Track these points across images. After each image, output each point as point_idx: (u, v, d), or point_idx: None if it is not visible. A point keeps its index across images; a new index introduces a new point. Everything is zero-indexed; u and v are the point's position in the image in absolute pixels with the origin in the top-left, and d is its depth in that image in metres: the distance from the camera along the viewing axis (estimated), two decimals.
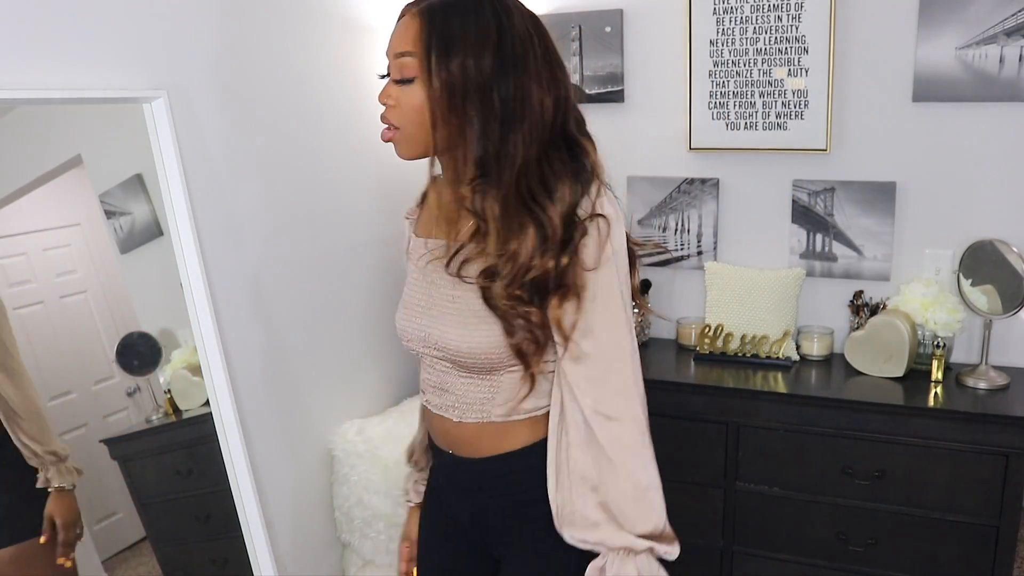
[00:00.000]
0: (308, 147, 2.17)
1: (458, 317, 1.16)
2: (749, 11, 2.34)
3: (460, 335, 1.16)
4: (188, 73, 1.80)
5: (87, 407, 1.74)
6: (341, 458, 2.29)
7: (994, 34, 2.11)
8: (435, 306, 1.20)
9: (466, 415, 1.22)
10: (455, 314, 1.17)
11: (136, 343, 1.81)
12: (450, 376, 1.22)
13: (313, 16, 2.19)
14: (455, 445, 1.27)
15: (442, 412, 1.26)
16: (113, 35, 1.63)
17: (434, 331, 1.20)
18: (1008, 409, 1.97)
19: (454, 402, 1.23)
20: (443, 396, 1.25)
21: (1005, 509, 1.95)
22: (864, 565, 2.11)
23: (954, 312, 2.17)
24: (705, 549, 2.28)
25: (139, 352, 1.81)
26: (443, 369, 1.23)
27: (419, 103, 1.10)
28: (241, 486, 1.85)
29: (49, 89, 1.51)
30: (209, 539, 1.97)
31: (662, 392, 2.24)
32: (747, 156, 2.45)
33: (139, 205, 1.78)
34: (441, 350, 1.19)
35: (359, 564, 2.33)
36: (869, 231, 2.34)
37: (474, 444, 1.24)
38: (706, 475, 2.23)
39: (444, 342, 1.18)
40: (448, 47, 1.07)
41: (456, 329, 1.16)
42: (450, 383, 1.23)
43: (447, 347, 1.18)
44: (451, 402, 1.24)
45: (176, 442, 1.91)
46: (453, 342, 1.16)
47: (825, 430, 2.10)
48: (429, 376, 1.27)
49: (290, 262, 2.14)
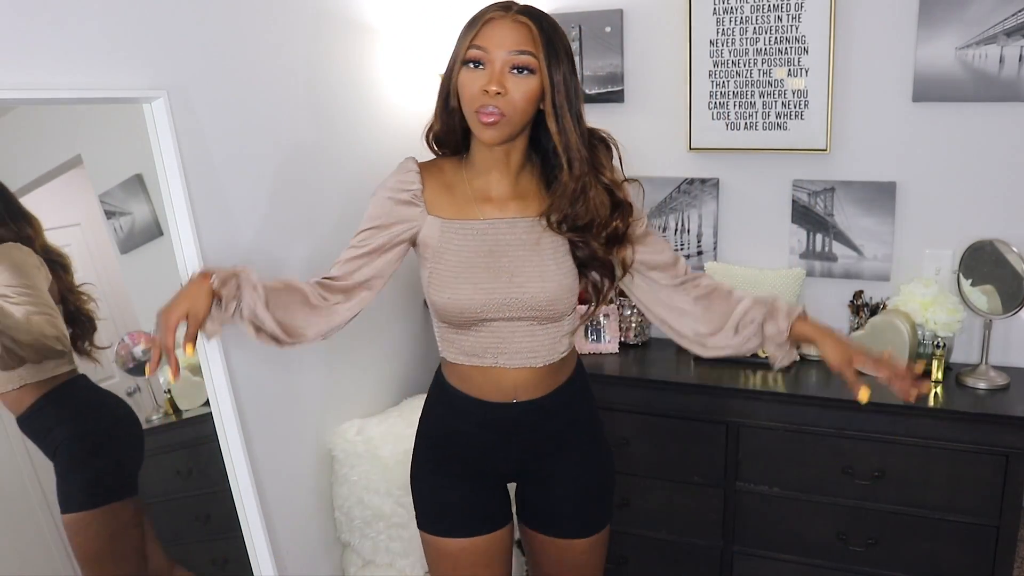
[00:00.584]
0: (308, 147, 2.17)
1: (540, 275, 1.41)
2: (749, 11, 2.34)
3: (543, 287, 1.41)
4: (188, 73, 1.80)
5: None
6: (341, 458, 2.29)
7: (994, 34, 2.11)
8: (516, 271, 1.41)
9: (535, 362, 1.45)
10: (538, 273, 1.41)
11: (136, 343, 1.81)
12: (520, 331, 1.44)
13: (314, 16, 2.18)
14: (519, 392, 1.47)
15: (511, 364, 1.45)
16: (113, 35, 1.63)
17: (518, 292, 1.41)
18: (1008, 409, 1.97)
19: (529, 352, 1.45)
20: (513, 353, 1.45)
21: (1005, 509, 1.95)
22: (864, 565, 2.11)
23: (954, 312, 2.17)
24: (705, 549, 2.28)
25: (139, 352, 1.81)
26: (515, 327, 1.43)
27: (532, 94, 1.34)
28: (241, 486, 1.85)
29: (49, 89, 1.51)
30: (209, 539, 1.97)
31: (662, 392, 2.24)
32: (747, 156, 2.45)
33: (139, 205, 1.78)
34: (527, 307, 1.42)
35: (359, 564, 2.33)
36: (869, 231, 2.34)
37: (543, 384, 1.48)
38: (706, 475, 2.23)
39: (529, 298, 1.41)
40: (557, 53, 1.34)
41: (538, 283, 1.41)
42: (519, 339, 1.44)
43: (534, 301, 1.41)
44: (524, 353, 1.45)
45: (176, 442, 1.91)
46: (540, 294, 1.41)
47: (825, 430, 2.10)
48: (491, 341, 1.44)
49: (290, 262, 2.13)
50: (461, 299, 1.41)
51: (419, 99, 2.64)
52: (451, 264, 1.42)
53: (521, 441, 1.51)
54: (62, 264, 1.59)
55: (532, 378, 1.47)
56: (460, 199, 1.44)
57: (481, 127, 1.34)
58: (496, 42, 1.32)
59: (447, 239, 1.43)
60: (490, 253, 1.41)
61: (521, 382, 1.47)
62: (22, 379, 1.54)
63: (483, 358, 1.46)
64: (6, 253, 1.51)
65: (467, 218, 1.43)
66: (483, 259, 1.41)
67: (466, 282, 1.41)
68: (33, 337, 1.53)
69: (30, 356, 1.53)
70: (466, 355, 1.47)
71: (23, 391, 1.55)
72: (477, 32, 1.34)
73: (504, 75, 1.32)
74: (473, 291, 1.41)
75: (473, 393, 1.49)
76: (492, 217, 1.43)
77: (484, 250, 1.41)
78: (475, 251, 1.41)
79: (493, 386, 1.47)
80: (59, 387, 1.58)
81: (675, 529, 2.30)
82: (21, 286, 1.53)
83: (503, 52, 1.32)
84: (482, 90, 1.32)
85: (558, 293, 1.42)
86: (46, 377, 1.56)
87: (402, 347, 2.67)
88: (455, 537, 1.52)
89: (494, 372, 1.46)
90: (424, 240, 1.45)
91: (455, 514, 1.53)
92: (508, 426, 1.49)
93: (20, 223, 1.54)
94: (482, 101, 1.32)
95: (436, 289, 1.43)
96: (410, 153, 1.56)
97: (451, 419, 1.53)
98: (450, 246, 1.42)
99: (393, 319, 2.61)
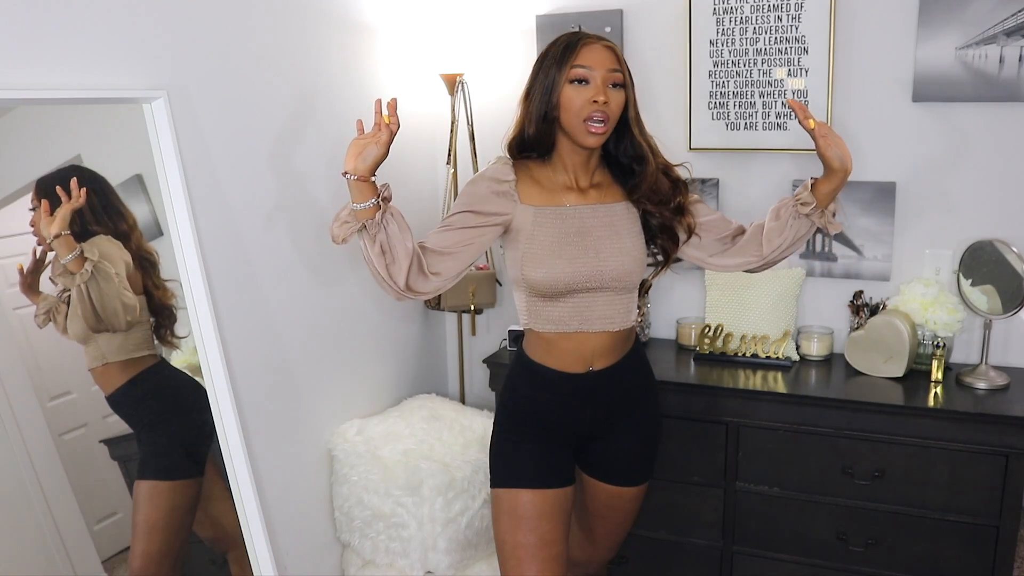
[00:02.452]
0: (308, 147, 2.17)
1: (620, 251, 1.67)
2: (749, 11, 2.34)
3: (621, 262, 1.67)
4: (188, 73, 1.80)
5: (87, 407, 1.74)
6: (341, 458, 2.29)
7: (994, 34, 2.11)
8: (600, 248, 1.66)
9: (612, 327, 1.70)
10: (617, 250, 1.67)
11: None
12: (601, 300, 1.68)
13: (313, 16, 2.19)
14: (596, 359, 1.71)
15: (593, 329, 1.68)
16: (113, 35, 1.63)
17: (602, 266, 1.65)
18: (1008, 409, 1.97)
19: (607, 319, 1.69)
20: (595, 319, 1.68)
21: (1005, 509, 1.95)
22: (864, 565, 2.12)
23: (954, 312, 2.17)
24: (705, 549, 2.28)
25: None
26: (596, 297, 1.67)
27: (622, 105, 1.63)
28: (241, 486, 1.85)
29: (49, 89, 1.51)
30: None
31: (662, 392, 2.23)
32: (747, 156, 2.45)
33: (139, 205, 1.78)
34: (609, 279, 1.66)
35: (359, 564, 2.33)
36: (869, 231, 2.34)
37: (615, 351, 1.73)
38: (706, 475, 2.23)
39: (611, 270, 1.66)
40: (630, 74, 1.65)
41: (618, 258, 1.67)
42: (600, 306, 1.68)
43: (615, 273, 1.66)
44: (604, 319, 1.69)
45: None
46: (620, 267, 1.67)
47: (825, 430, 2.10)
48: (576, 310, 1.68)
49: (290, 262, 2.14)
50: (556, 272, 1.64)
51: (418, 99, 2.64)
52: (545, 244, 1.65)
53: (594, 406, 1.74)
54: (150, 260, 1.77)
55: (608, 344, 1.71)
56: (548, 189, 1.69)
57: (588, 134, 1.60)
58: (597, 62, 1.59)
59: (540, 222, 1.66)
60: (577, 233, 1.66)
61: (599, 348, 1.71)
62: (104, 357, 1.72)
63: (569, 325, 1.68)
64: (96, 243, 1.67)
65: (556, 204, 1.67)
66: (573, 238, 1.66)
67: (559, 258, 1.64)
68: (111, 310, 1.69)
69: (103, 325, 1.69)
70: (553, 323, 1.69)
71: (109, 370, 1.73)
72: (577, 54, 1.60)
73: (606, 89, 1.59)
74: (566, 265, 1.64)
75: (553, 365, 1.71)
76: (577, 203, 1.68)
77: (572, 231, 1.66)
78: (565, 232, 1.66)
79: (574, 354, 1.70)
80: (145, 371, 1.78)
81: (675, 529, 2.30)
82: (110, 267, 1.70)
83: (603, 71, 1.59)
84: (591, 101, 1.58)
85: (633, 266, 1.69)
86: (128, 358, 1.75)
87: (402, 347, 2.67)
88: (525, 487, 1.71)
89: (576, 338, 1.69)
90: (518, 226, 1.67)
91: (527, 468, 1.73)
92: (584, 394, 1.73)
93: (116, 220, 1.71)
94: (591, 110, 1.58)
95: (532, 266, 1.65)
96: (406, 150, 1.59)
97: (531, 389, 1.75)
98: (542, 229, 1.66)
99: (393, 319, 2.62)
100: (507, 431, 1.78)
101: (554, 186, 1.69)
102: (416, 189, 2.68)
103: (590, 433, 1.77)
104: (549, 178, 1.70)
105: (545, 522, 1.70)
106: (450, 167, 2.58)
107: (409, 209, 2.63)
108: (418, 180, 2.70)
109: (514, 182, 1.68)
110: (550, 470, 1.73)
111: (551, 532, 1.70)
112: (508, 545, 1.71)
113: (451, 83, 2.52)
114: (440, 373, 2.91)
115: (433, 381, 2.86)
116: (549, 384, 1.73)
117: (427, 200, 2.72)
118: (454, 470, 2.22)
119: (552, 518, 1.71)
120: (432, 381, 2.85)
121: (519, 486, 1.71)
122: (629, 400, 1.78)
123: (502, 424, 1.80)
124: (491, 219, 1.66)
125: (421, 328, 2.77)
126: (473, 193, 1.67)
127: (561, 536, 1.73)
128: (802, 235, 1.72)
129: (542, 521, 1.70)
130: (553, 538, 1.70)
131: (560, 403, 1.73)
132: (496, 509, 1.75)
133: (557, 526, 1.72)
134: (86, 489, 1.71)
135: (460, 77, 2.52)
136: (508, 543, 1.71)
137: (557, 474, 1.74)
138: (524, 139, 1.68)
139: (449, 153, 2.58)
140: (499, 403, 1.84)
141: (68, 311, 1.65)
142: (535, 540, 1.69)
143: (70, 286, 1.64)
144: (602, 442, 1.79)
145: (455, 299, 2.56)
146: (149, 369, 1.79)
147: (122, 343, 1.73)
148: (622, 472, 1.82)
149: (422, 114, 2.67)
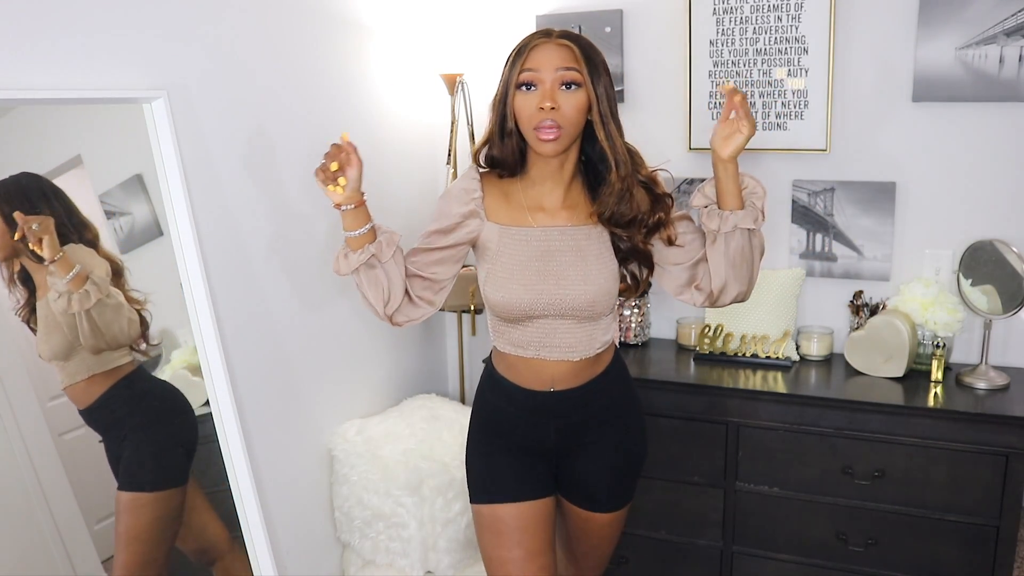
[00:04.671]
0: (308, 147, 2.17)
1: (584, 279, 1.56)
2: (749, 11, 2.34)
3: (585, 291, 1.56)
4: (188, 73, 1.80)
5: None
6: (341, 458, 2.29)
7: (994, 34, 2.11)
8: (562, 275, 1.56)
9: (573, 356, 1.60)
10: (582, 277, 1.56)
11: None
12: (562, 329, 1.59)
13: (313, 16, 2.19)
14: (556, 382, 1.63)
15: (551, 357, 1.60)
16: (113, 35, 1.63)
17: (562, 294, 1.55)
18: (1008, 409, 1.97)
19: (568, 347, 1.60)
20: (553, 347, 1.60)
21: (1005, 509, 1.95)
22: (864, 565, 2.12)
23: (954, 312, 2.17)
24: (705, 549, 2.28)
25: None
26: (558, 325, 1.58)
27: (580, 106, 1.49)
28: (241, 486, 1.85)
29: (49, 89, 1.51)
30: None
31: (662, 392, 2.24)
32: (747, 156, 2.44)
33: (139, 205, 1.78)
34: (570, 307, 1.56)
35: (359, 564, 2.33)
36: (869, 231, 2.34)
37: (578, 376, 1.63)
38: (706, 475, 2.23)
39: (572, 299, 1.56)
40: (597, 68, 1.49)
41: (581, 286, 1.56)
42: (560, 335, 1.59)
43: (576, 303, 1.56)
44: (563, 348, 1.60)
45: None
46: (582, 296, 1.56)
47: (825, 430, 2.10)
48: (536, 335, 1.60)
49: (290, 262, 2.14)
50: (512, 298, 1.57)
51: (417, 99, 2.64)
52: (506, 266, 1.58)
53: (557, 423, 1.67)
54: (116, 269, 1.71)
55: (569, 370, 1.63)
56: (516, 207, 1.60)
57: (540, 142, 1.48)
58: (544, 63, 1.47)
59: (504, 243, 1.58)
60: (540, 258, 1.57)
61: (559, 374, 1.63)
62: (90, 370, 1.67)
63: (527, 350, 1.62)
64: (74, 252, 1.63)
65: (522, 225, 1.59)
66: (535, 263, 1.57)
67: (518, 283, 1.57)
68: (118, 329, 1.68)
69: (102, 347, 1.66)
70: (513, 346, 1.63)
71: (91, 383, 1.68)
72: (525, 58, 1.48)
73: (555, 92, 1.47)
74: (523, 291, 1.56)
75: (517, 381, 1.66)
76: (544, 225, 1.58)
77: (536, 255, 1.57)
78: (528, 255, 1.57)
79: (534, 375, 1.63)
80: (124, 378, 1.73)
81: (675, 529, 2.30)
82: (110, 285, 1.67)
83: (551, 71, 1.47)
84: (538, 108, 1.46)
85: (598, 296, 1.57)
86: (110, 368, 1.70)
87: (402, 347, 2.67)
88: (502, 502, 1.67)
89: (536, 363, 1.62)
90: (483, 243, 1.61)
91: (503, 481, 1.68)
92: (546, 411, 1.66)
93: (81, 229, 1.66)
94: (540, 118, 1.47)
95: (492, 287, 1.59)
96: (405, 150, 1.58)
97: (498, 402, 1.70)
98: (506, 250, 1.58)
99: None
100: (479, 441, 1.74)
101: (523, 203, 1.59)
102: (416, 189, 2.68)
103: (557, 448, 1.69)
104: (519, 193, 1.60)
105: (528, 535, 1.66)
106: (450, 167, 2.58)
107: (409, 209, 2.65)
108: (418, 180, 2.70)
109: (481, 198, 1.60)
110: (527, 482, 1.68)
111: (535, 544, 1.66)
112: (494, 561, 1.68)
113: (451, 83, 2.52)
114: (440, 373, 2.91)
115: (433, 381, 2.86)
116: (513, 399, 1.67)
117: (427, 200, 2.72)
118: (454, 470, 2.23)
119: (534, 530, 1.67)
120: (432, 381, 2.85)
121: (496, 501, 1.67)
122: (598, 422, 1.69)
123: (475, 436, 1.75)
124: (460, 237, 1.61)
125: (421, 328, 2.77)
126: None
127: (547, 546, 1.69)
128: (737, 248, 1.55)
129: (524, 535, 1.66)
130: (538, 549, 1.67)
131: (525, 418, 1.67)
132: (478, 524, 1.72)
133: (541, 537, 1.68)
134: (86, 489, 1.70)
135: (460, 77, 2.52)
136: (494, 559, 1.68)
137: (534, 485, 1.69)
138: (491, 155, 1.60)
139: (449, 153, 2.58)
140: (472, 411, 1.78)
141: (39, 332, 1.59)
142: (521, 554, 1.65)
143: (66, 311, 1.59)
144: (572, 460, 1.71)
145: (455, 299, 2.56)
146: (126, 378, 1.73)
147: (107, 353, 1.69)
148: (590, 497, 1.72)
149: (422, 114, 2.68)
